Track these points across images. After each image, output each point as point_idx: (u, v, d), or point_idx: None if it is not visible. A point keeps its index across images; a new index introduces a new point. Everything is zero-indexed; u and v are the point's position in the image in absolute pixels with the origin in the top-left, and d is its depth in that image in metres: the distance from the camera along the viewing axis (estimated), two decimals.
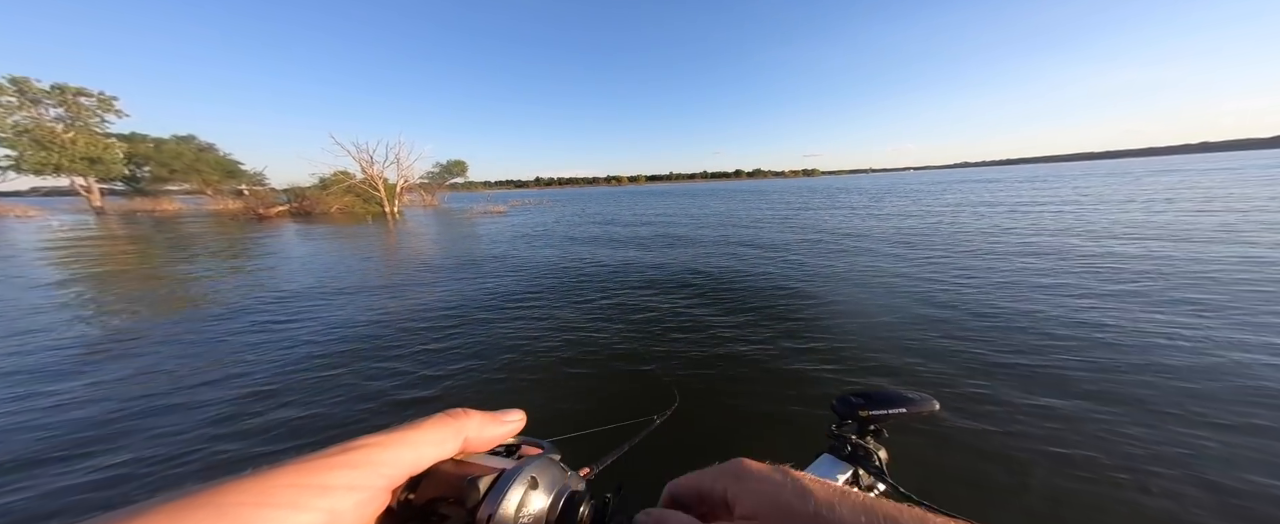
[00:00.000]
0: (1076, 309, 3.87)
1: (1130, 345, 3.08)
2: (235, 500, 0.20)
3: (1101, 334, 3.30)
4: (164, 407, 2.75)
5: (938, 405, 0.69)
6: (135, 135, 36.04)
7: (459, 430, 0.28)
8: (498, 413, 0.31)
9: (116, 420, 2.59)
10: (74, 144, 28.49)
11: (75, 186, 31.39)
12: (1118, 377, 2.66)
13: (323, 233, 14.21)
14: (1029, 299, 4.23)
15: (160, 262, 9.19)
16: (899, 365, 2.96)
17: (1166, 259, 5.56)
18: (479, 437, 0.29)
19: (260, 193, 31.69)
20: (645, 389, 2.83)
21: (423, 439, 0.26)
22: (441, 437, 0.27)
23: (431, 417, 0.28)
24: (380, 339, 3.84)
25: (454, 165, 42.55)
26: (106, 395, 2.93)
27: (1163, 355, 2.90)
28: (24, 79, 27.73)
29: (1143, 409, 2.31)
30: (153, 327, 4.49)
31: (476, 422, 0.29)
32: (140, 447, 2.33)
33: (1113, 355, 2.94)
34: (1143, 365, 2.78)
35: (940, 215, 12.42)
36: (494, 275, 6.61)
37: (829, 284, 5.31)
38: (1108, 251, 6.23)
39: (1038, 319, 3.67)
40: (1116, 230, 7.98)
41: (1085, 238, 7.40)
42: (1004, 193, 20.25)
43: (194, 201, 39.53)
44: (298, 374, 3.16)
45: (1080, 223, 9.22)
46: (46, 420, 2.62)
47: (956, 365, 2.90)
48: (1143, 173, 35.44)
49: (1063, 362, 2.88)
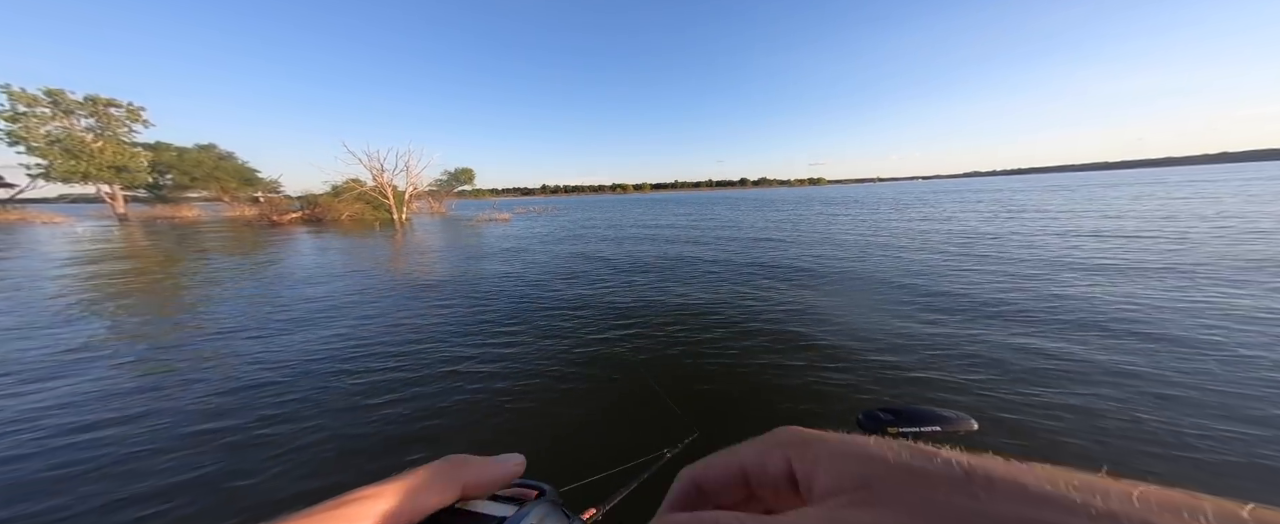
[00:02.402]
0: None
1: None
2: None
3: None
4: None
5: (975, 425, 0.64)
6: (160, 144, 37.55)
7: (457, 478, 0.27)
8: (496, 459, 0.31)
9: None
10: (102, 153, 29.72)
11: (100, 194, 32.70)
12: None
13: (338, 244, 14.22)
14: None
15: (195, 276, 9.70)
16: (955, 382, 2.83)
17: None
18: (477, 482, 0.28)
19: (275, 200, 32.68)
20: (656, 418, 2.62)
21: (420, 488, 0.26)
22: (439, 485, 0.26)
23: (428, 465, 0.28)
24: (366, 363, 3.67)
25: (461, 173, 43.56)
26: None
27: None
28: (58, 91, 29.16)
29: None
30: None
31: (475, 468, 0.29)
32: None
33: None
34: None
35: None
36: (482, 298, 6.03)
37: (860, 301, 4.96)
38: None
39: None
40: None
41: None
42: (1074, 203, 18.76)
43: (212, 208, 40.84)
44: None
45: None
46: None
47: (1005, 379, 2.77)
48: (1179, 181, 33.70)
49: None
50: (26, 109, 27.99)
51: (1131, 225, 10.17)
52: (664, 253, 9.76)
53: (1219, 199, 16.55)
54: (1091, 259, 6.68)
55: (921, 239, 9.82)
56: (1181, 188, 27.02)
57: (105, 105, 31.12)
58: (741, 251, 9.38)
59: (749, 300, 5.33)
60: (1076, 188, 35.97)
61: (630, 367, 3.42)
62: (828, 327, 4.19)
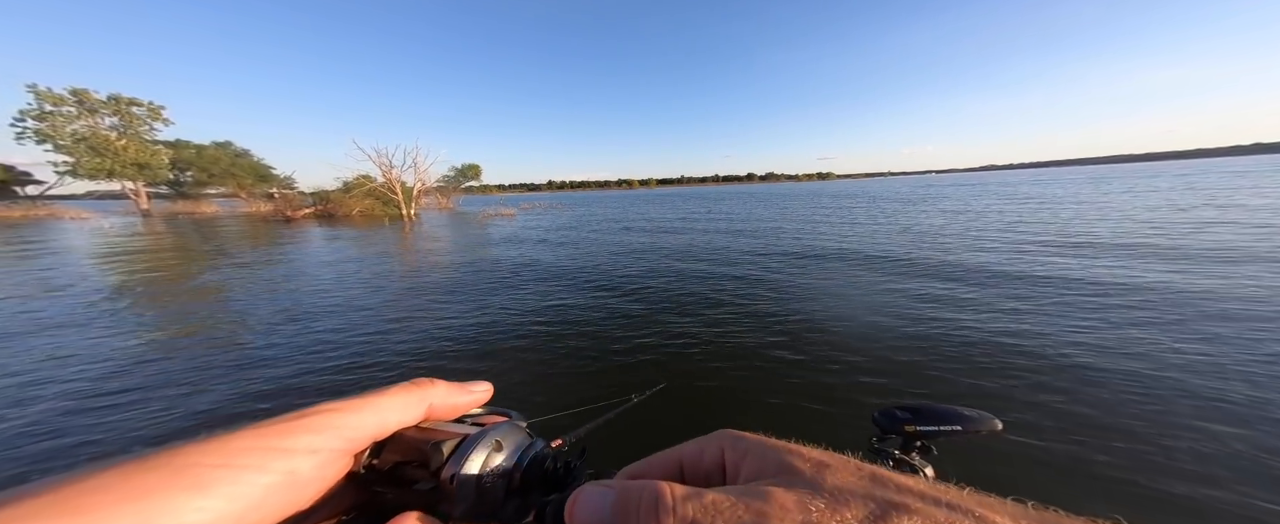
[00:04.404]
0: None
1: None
2: (193, 462, 0.20)
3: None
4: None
5: (1000, 425, 0.62)
6: (180, 142, 38.69)
7: (423, 398, 0.28)
8: (464, 383, 0.31)
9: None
10: (125, 150, 30.74)
11: (124, 190, 33.85)
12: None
13: (349, 237, 14.80)
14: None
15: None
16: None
17: None
18: (444, 405, 0.29)
19: (289, 196, 33.47)
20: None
21: (386, 406, 0.26)
22: (405, 403, 0.27)
23: (396, 384, 0.28)
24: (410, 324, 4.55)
25: (468, 169, 44.05)
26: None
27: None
28: (83, 90, 30.21)
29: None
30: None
31: (442, 390, 0.29)
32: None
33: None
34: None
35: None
36: (475, 294, 6.22)
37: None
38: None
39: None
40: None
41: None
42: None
43: (228, 204, 41.95)
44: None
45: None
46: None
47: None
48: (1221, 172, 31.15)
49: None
50: (53, 108, 29.10)
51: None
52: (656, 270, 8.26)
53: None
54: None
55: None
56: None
57: (128, 104, 32.17)
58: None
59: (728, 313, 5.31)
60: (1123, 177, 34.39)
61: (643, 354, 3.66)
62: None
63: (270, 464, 0.22)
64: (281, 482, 0.22)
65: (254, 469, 0.21)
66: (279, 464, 0.22)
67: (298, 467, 0.22)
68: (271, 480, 0.21)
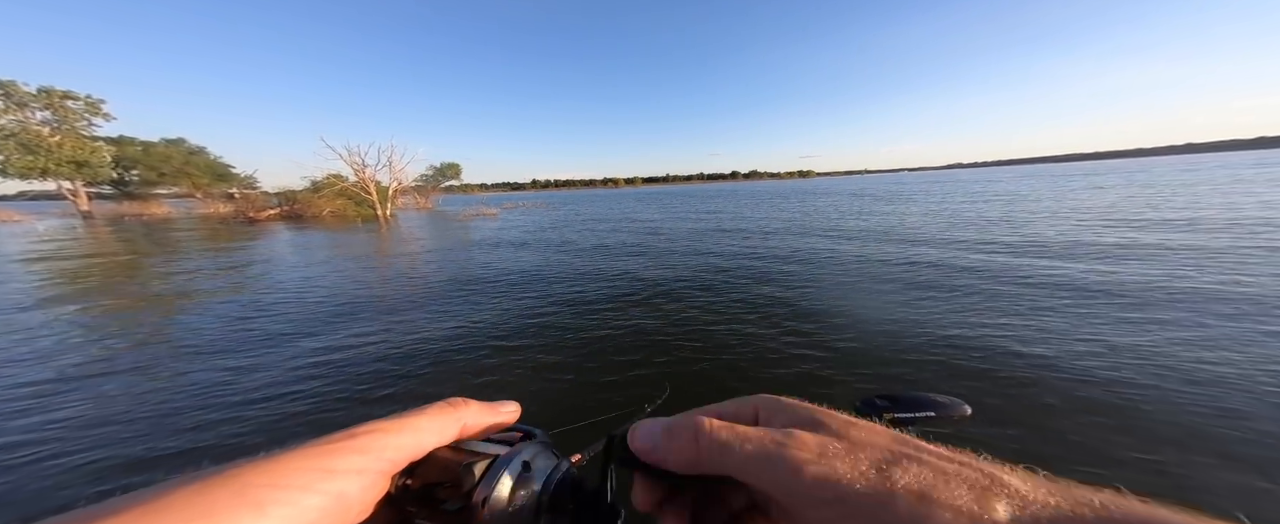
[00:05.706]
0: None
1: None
2: (253, 482, 0.20)
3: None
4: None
5: (969, 410, 0.64)
6: (124, 138, 35.71)
7: (457, 418, 0.29)
8: (494, 403, 0.32)
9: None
10: (60, 147, 28.16)
11: (62, 190, 31.03)
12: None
13: (320, 240, 13.68)
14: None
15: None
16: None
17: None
18: (476, 425, 0.30)
19: (251, 196, 31.42)
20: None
21: (424, 426, 0.27)
22: (441, 424, 0.28)
23: (432, 405, 0.29)
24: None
25: (448, 168, 42.52)
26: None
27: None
28: (10, 82, 27.41)
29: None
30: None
31: (474, 411, 0.30)
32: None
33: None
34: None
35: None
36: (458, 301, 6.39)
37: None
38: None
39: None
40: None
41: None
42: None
43: (184, 205, 39.17)
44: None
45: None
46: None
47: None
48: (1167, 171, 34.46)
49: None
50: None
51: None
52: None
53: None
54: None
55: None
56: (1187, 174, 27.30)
57: (61, 98, 29.39)
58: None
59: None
60: (1061, 176, 36.43)
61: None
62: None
63: (320, 485, 0.22)
64: (331, 504, 0.22)
65: (306, 490, 0.21)
66: (328, 486, 0.22)
67: (345, 488, 0.23)
68: (321, 503, 0.22)
